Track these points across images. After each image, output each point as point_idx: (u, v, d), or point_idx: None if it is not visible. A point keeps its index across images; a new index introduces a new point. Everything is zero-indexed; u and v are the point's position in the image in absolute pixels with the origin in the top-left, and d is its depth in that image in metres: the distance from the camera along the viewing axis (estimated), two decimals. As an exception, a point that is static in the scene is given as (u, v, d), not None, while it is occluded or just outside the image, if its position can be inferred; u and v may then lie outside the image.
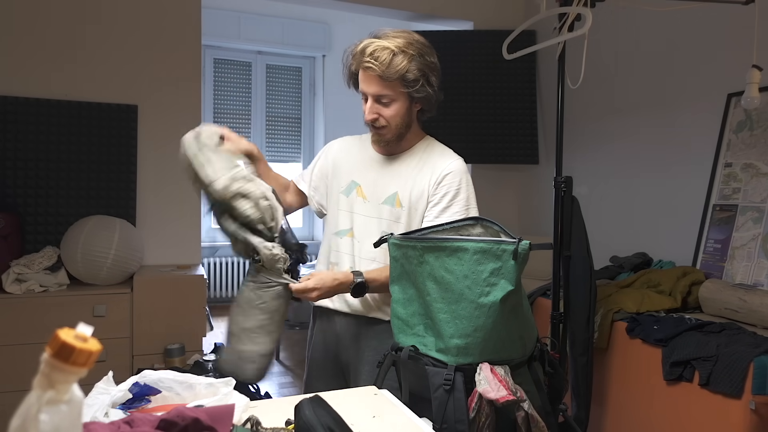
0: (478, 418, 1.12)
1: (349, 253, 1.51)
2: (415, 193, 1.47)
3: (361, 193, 1.52)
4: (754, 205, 2.33)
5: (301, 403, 0.90)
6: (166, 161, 3.02)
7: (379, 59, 1.37)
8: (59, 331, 0.50)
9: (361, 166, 1.55)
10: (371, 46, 1.39)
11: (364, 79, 1.42)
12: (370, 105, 1.44)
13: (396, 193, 1.49)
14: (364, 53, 1.39)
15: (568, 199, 2.04)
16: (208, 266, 5.64)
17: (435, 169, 1.48)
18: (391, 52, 1.38)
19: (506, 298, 1.14)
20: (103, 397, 0.97)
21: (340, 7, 3.67)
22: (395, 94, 1.42)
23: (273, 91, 5.96)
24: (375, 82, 1.41)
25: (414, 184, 1.48)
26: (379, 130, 1.47)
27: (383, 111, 1.44)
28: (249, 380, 1.31)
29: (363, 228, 1.49)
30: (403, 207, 1.48)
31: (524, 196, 4.01)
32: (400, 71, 1.38)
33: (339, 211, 1.54)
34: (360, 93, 1.47)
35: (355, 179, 1.53)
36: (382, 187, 1.50)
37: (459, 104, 3.67)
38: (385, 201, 1.49)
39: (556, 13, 2.03)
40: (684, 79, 2.74)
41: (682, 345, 1.85)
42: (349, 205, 1.52)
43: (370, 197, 1.51)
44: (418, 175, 1.49)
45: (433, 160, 1.51)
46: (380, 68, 1.37)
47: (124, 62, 2.94)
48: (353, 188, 1.53)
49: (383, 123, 1.45)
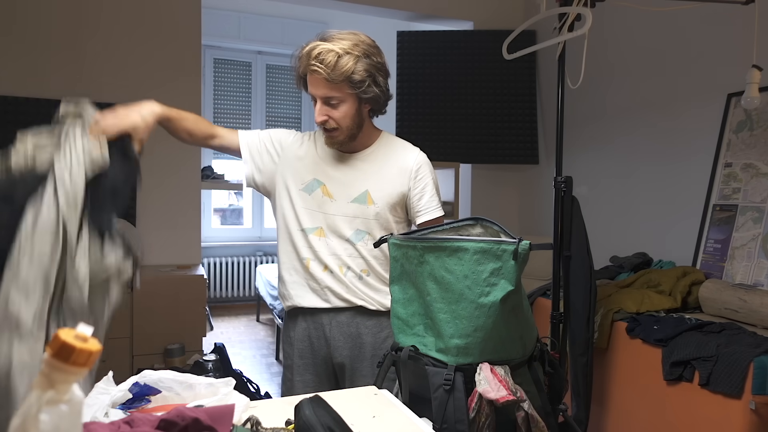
0: (478, 418, 1.12)
1: (329, 254, 1.51)
2: (388, 189, 1.50)
3: (327, 192, 1.52)
4: (754, 205, 2.33)
5: (301, 403, 0.90)
6: (166, 161, 3.02)
7: (325, 62, 1.38)
8: (59, 331, 0.50)
9: (322, 165, 1.54)
10: (317, 49, 1.39)
11: (312, 82, 1.43)
12: (319, 107, 1.44)
13: (366, 191, 1.50)
14: (310, 56, 1.40)
15: (568, 199, 2.04)
16: (208, 266, 5.64)
17: (405, 164, 1.53)
18: (336, 54, 1.39)
19: (506, 298, 1.14)
20: (103, 397, 0.97)
21: (340, 7, 3.67)
22: (343, 96, 1.43)
23: (273, 91, 5.96)
24: (322, 85, 1.42)
25: (385, 181, 1.51)
26: (331, 132, 1.47)
27: (332, 113, 1.44)
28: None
29: (334, 227, 1.50)
30: (376, 203, 1.50)
31: (524, 196, 4.01)
32: (346, 73, 1.39)
33: (302, 209, 1.53)
34: (309, 95, 1.47)
35: (318, 178, 1.52)
36: (349, 186, 1.51)
37: (459, 104, 3.67)
38: (355, 200, 1.50)
39: (556, 13, 2.03)
40: (684, 79, 2.74)
41: (682, 345, 1.85)
42: (312, 203, 1.52)
43: (338, 196, 1.51)
44: (388, 171, 1.52)
45: (397, 154, 1.54)
46: (326, 71, 1.38)
47: (124, 62, 2.94)
48: (316, 187, 1.52)
49: (333, 125, 1.46)
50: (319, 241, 1.51)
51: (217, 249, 5.73)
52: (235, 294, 5.77)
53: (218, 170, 4.98)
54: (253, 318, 5.38)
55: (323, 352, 1.55)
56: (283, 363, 1.65)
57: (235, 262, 5.74)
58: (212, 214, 5.91)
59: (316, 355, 1.56)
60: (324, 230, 1.51)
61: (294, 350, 1.58)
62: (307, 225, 1.52)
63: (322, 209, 1.51)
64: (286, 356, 1.63)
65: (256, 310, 5.44)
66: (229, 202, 6.20)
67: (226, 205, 6.19)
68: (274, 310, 4.26)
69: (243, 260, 5.76)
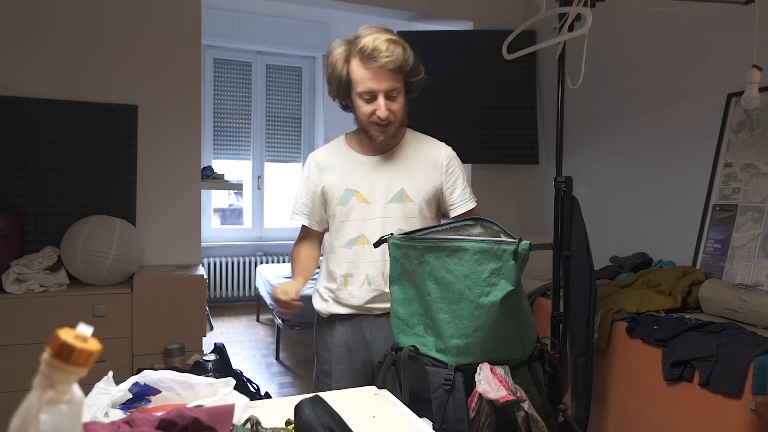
0: (478, 418, 1.12)
1: (370, 260, 1.49)
2: (422, 185, 1.50)
3: (363, 199, 1.50)
4: (754, 205, 2.33)
5: (301, 403, 0.90)
6: (166, 161, 3.02)
7: (395, 52, 1.37)
8: (59, 331, 0.50)
9: (351, 172, 1.52)
10: (380, 42, 1.37)
11: (375, 77, 1.40)
12: (383, 102, 1.42)
13: (402, 189, 1.49)
14: (376, 50, 1.37)
15: (568, 199, 2.04)
16: (208, 266, 5.64)
17: (435, 159, 1.53)
18: (398, 44, 1.39)
19: (506, 298, 1.14)
20: (103, 397, 0.97)
21: (340, 7, 3.67)
22: (401, 86, 1.43)
23: (273, 91, 5.96)
24: (388, 77, 1.40)
25: (419, 177, 1.50)
26: (386, 126, 1.45)
27: (392, 105, 1.43)
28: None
29: (376, 232, 1.47)
30: (413, 201, 1.49)
31: (524, 196, 4.01)
32: (408, 60, 1.40)
33: (341, 223, 1.51)
34: (359, 94, 1.45)
35: (350, 186, 1.51)
36: (385, 187, 1.49)
37: (459, 104, 3.67)
38: (392, 199, 1.49)
39: (556, 13, 2.03)
40: (684, 79, 2.74)
41: (682, 345, 1.85)
42: (349, 213, 1.50)
43: (374, 200, 1.49)
44: (419, 167, 1.51)
45: (426, 150, 1.54)
46: (396, 61, 1.37)
47: (124, 62, 2.94)
48: (350, 196, 1.51)
49: (392, 118, 1.44)
50: (363, 251, 1.49)
51: (217, 249, 5.73)
52: (235, 294, 5.77)
53: (218, 170, 4.98)
54: (253, 318, 5.38)
55: (362, 356, 1.54)
56: (318, 368, 1.62)
57: (235, 262, 5.74)
58: (212, 214, 5.91)
59: (354, 360, 1.54)
60: (366, 237, 1.49)
61: (332, 356, 1.56)
62: (350, 237, 1.50)
63: (361, 217, 1.49)
64: (322, 362, 1.60)
65: (256, 310, 5.44)
66: (229, 202, 6.20)
67: (226, 205, 6.19)
68: (274, 310, 4.26)
69: (243, 260, 5.76)
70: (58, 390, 0.50)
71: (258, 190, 5.99)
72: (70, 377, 0.51)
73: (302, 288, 1.55)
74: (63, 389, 0.51)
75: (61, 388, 0.51)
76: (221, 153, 5.82)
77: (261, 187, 6.00)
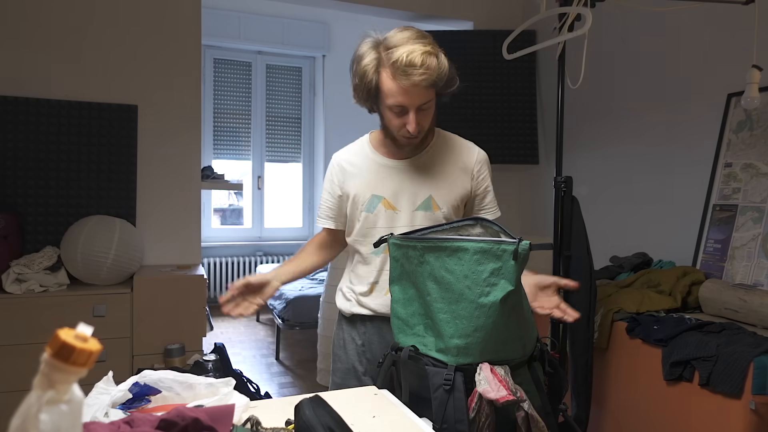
0: (478, 418, 1.12)
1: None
2: (452, 192, 1.45)
3: (389, 206, 1.44)
4: (754, 205, 2.33)
5: (301, 403, 0.90)
6: (166, 161, 3.02)
7: (430, 68, 1.28)
8: (59, 331, 0.50)
9: (377, 177, 1.46)
10: (415, 56, 1.27)
11: (408, 92, 1.31)
12: (413, 117, 1.33)
13: (430, 196, 1.44)
14: (412, 65, 1.27)
15: (568, 199, 2.04)
16: (208, 266, 5.64)
17: (466, 164, 1.48)
18: (433, 55, 1.30)
19: (506, 298, 1.13)
20: (103, 397, 0.97)
21: (340, 7, 3.67)
22: (432, 98, 1.36)
23: (273, 91, 5.96)
24: (422, 93, 1.32)
25: (447, 183, 1.45)
26: (414, 139, 1.40)
27: (423, 119, 1.36)
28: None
29: None
30: (441, 209, 1.43)
31: (524, 196, 4.01)
32: (444, 72, 1.32)
33: (368, 230, 1.45)
34: (389, 107, 1.35)
35: (376, 193, 1.45)
36: (412, 194, 1.44)
37: (459, 104, 3.67)
38: (419, 207, 1.43)
39: (556, 13, 2.03)
40: (684, 79, 2.74)
41: (682, 345, 1.85)
42: (376, 221, 1.45)
43: (401, 207, 1.44)
44: (449, 173, 1.46)
45: (457, 154, 1.49)
46: (430, 78, 1.29)
47: (124, 62, 2.94)
48: (376, 203, 1.44)
49: (422, 132, 1.38)
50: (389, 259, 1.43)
51: (217, 249, 5.73)
52: (235, 294, 5.76)
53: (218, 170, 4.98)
54: (253, 318, 5.38)
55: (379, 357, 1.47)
56: (335, 366, 1.58)
57: (235, 262, 5.74)
58: (212, 214, 5.91)
59: (373, 360, 1.50)
60: None
61: (349, 354, 1.53)
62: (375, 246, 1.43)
63: (387, 224, 1.44)
64: (338, 360, 1.56)
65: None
66: (229, 202, 6.20)
67: (226, 205, 6.19)
68: (274, 310, 4.26)
69: (243, 260, 5.76)
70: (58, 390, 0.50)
71: (258, 190, 6.00)
72: (70, 377, 0.51)
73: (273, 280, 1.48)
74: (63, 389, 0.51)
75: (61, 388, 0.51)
76: (221, 153, 5.82)
77: (261, 187, 6.00)
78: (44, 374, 0.50)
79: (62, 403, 0.51)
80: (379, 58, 1.34)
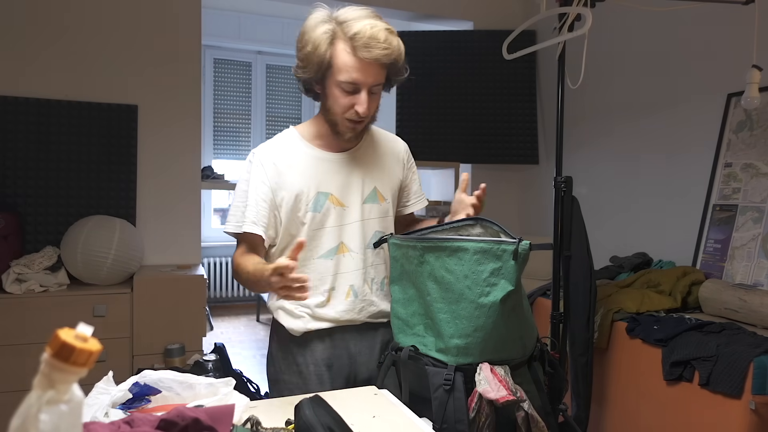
0: (478, 418, 1.12)
1: (354, 269, 1.35)
2: (393, 183, 1.45)
3: (337, 202, 1.34)
4: (754, 205, 2.33)
5: (301, 403, 0.90)
6: (166, 161, 3.02)
7: (392, 45, 1.23)
8: (59, 331, 0.50)
9: (320, 173, 1.34)
10: (378, 31, 1.22)
11: (364, 68, 1.23)
12: (365, 97, 1.26)
13: (375, 188, 1.39)
14: (375, 39, 1.21)
15: (568, 199, 2.04)
16: (208, 266, 5.64)
17: (397, 152, 1.48)
18: (395, 35, 1.25)
19: (506, 298, 1.13)
20: (103, 397, 0.97)
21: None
22: (382, 80, 1.30)
23: (273, 91, 5.96)
24: (377, 71, 1.26)
25: (387, 172, 1.43)
26: (359, 124, 1.31)
27: (372, 103, 1.30)
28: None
29: (355, 237, 1.35)
30: (387, 200, 1.41)
31: (524, 196, 4.01)
32: (402, 56, 1.27)
33: (314, 232, 1.32)
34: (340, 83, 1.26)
35: (322, 189, 1.33)
36: (357, 187, 1.36)
37: (459, 104, 3.67)
38: (367, 199, 1.38)
39: (556, 13, 2.03)
40: (684, 79, 2.74)
41: (682, 345, 1.85)
42: (324, 220, 1.33)
43: (349, 202, 1.35)
44: (386, 162, 1.44)
45: (389, 145, 1.47)
46: (392, 55, 1.23)
47: (124, 62, 2.94)
48: (323, 200, 1.33)
49: (368, 115, 1.31)
50: (344, 259, 1.34)
51: (217, 249, 5.73)
52: (235, 294, 5.77)
53: (218, 170, 4.98)
54: (253, 318, 5.38)
55: (345, 372, 1.37)
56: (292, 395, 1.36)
57: (235, 262, 5.73)
58: (212, 214, 5.91)
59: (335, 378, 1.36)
60: (345, 245, 1.34)
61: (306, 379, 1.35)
62: (330, 246, 1.34)
63: (338, 222, 1.34)
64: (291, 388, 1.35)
65: (256, 310, 5.44)
66: (229, 202, 6.20)
67: (226, 205, 6.19)
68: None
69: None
70: (58, 390, 0.50)
71: (258, 190, 5.99)
72: (70, 377, 0.51)
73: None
74: (63, 389, 0.51)
75: (61, 388, 0.50)
76: (221, 153, 5.82)
77: (261, 187, 5.99)
78: (44, 374, 0.50)
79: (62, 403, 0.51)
80: (334, 30, 1.26)
